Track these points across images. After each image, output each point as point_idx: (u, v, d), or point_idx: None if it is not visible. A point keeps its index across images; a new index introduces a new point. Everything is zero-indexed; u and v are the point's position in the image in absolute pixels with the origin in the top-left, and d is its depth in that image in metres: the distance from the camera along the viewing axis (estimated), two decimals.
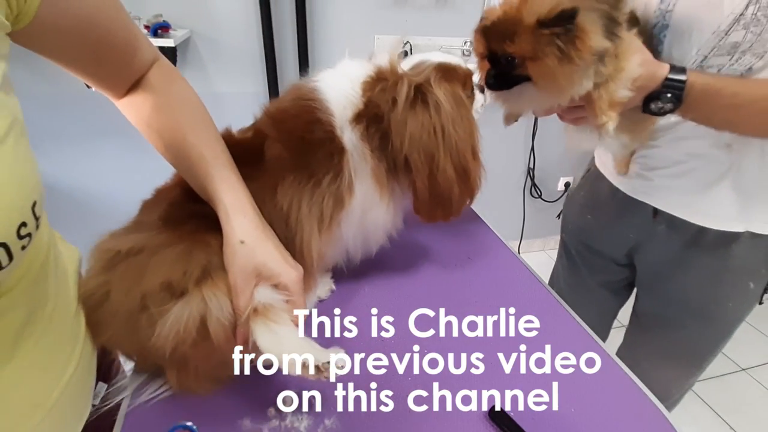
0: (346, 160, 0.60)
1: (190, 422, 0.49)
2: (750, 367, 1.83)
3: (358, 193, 0.61)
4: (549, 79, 0.57)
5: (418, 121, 0.57)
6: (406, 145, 0.58)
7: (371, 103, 0.59)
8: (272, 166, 0.58)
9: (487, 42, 0.59)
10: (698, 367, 0.93)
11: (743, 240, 0.76)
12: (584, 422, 0.52)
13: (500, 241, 0.89)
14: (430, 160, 0.59)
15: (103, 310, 0.50)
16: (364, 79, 0.60)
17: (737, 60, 0.63)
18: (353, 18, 1.64)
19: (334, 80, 0.62)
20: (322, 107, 0.59)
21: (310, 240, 0.58)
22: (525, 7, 0.55)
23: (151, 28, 1.34)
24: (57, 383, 0.45)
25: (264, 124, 0.61)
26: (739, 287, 0.81)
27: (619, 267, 0.96)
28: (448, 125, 0.58)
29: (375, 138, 0.60)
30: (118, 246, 0.51)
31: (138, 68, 0.54)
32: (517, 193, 2.23)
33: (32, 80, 1.46)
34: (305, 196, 0.58)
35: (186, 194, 0.57)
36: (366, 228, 0.65)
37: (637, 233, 0.88)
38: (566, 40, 0.54)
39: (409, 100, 0.58)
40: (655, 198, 0.83)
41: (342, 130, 0.59)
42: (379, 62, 0.62)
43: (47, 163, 1.62)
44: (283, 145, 0.59)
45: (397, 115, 0.58)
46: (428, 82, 0.59)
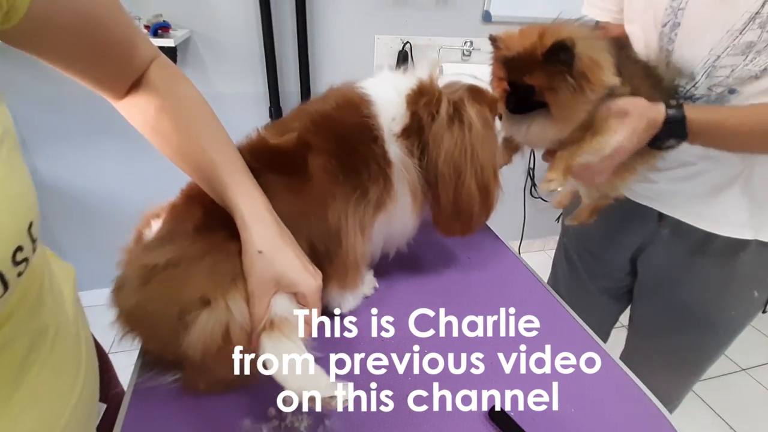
0: (392, 172, 0.61)
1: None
2: (750, 367, 1.83)
3: (397, 203, 0.63)
4: (562, 108, 0.62)
5: (453, 138, 0.59)
6: (441, 158, 0.60)
7: (416, 116, 0.60)
8: (319, 177, 0.57)
9: (508, 72, 0.64)
10: (697, 374, 0.93)
11: (751, 248, 0.75)
12: (584, 422, 0.52)
13: (500, 241, 0.89)
14: (457, 176, 0.60)
15: (146, 325, 0.52)
16: (407, 91, 0.61)
17: (752, 60, 0.62)
18: (353, 18, 1.64)
19: (383, 91, 0.62)
20: (373, 119, 0.59)
21: (355, 245, 0.59)
22: (541, 43, 0.60)
23: (151, 28, 1.34)
24: (64, 410, 0.43)
25: (307, 130, 0.59)
26: (744, 296, 0.80)
27: (621, 273, 0.95)
28: (477, 145, 0.60)
29: (416, 151, 0.61)
30: (155, 260, 0.51)
31: (138, 66, 0.52)
32: (517, 193, 2.23)
33: (32, 80, 1.46)
34: (351, 208, 0.58)
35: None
36: (391, 232, 0.67)
37: (641, 237, 0.87)
38: (577, 74, 0.59)
39: (449, 116, 0.59)
40: (660, 203, 0.81)
41: (389, 143, 0.60)
42: (420, 75, 0.62)
43: (47, 163, 1.62)
44: (332, 155, 0.57)
45: (436, 129, 0.59)
46: (462, 101, 0.61)
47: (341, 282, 0.62)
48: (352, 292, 0.67)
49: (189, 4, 1.48)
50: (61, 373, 0.44)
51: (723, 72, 0.65)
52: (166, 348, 0.52)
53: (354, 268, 0.62)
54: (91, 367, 0.51)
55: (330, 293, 0.63)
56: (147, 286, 0.51)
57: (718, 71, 0.65)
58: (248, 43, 1.58)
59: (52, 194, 1.68)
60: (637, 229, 0.87)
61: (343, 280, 0.62)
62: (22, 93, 1.48)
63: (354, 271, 0.62)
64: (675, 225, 0.80)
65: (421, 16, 1.69)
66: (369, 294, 0.72)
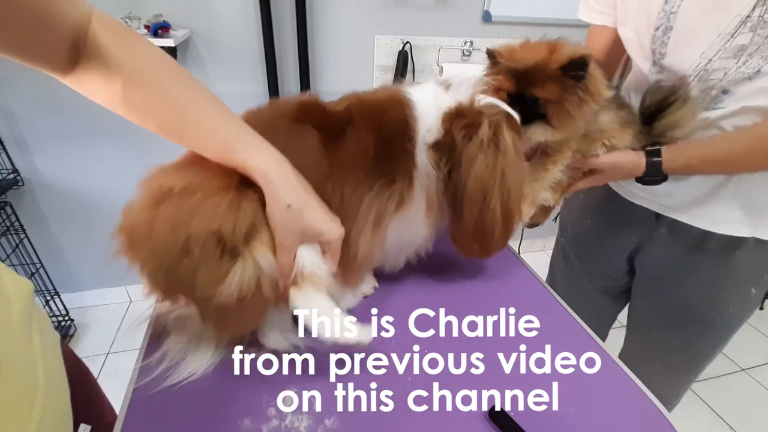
0: (416, 175, 0.62)
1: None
2: (750, 367, 1.83)
3: (414, 206, 0.63)
4: (564, 119, 0.67)
5: (487, 160, 0.60)
6: (471, 178, 0.60)
7: (449, 135, 0.61)
8: (351, 149, 0.58)
9: (517, 85, 0.67)
10: (695, 372, 0.93)
11: (748, 245, 0.75)
12: (584, 422, 0.52)
13: None
14: (483, 198, 0.61)
15: (145, 244, 0.50)
16: (445, 110, 0.62)
17: (744, 63, 0.63)
18: (353, 18, 1.64)
19: (425, 102, 0.63)
20: (412, 121, 0.61)
21: (359, 236, 0.59)
22: (553, 57, 0.64)
23: (151, 28, 1.34)
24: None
25: (356, 106, 0.61)
26: (741, 293, 0.80)
27: (619, 272, 0.96)
28: (508, 170, 0.61)
29: (443, 166, 0.62)
30: (172, 184, 0.50)
31: (69, 28, 0.44)
32: None
33: (32, 80, 1.46)
34: (374, 192, 0.59)
35: None
36: (402, 239, 0.67)
37: (638, 236, 0.87)
38: (584, 89, 0.65)
39: (488, 139, 0.60)
40: (655, 203, 0.82)
41: (420, 149, 0.61)
42: (461, 97, 0.63)
43: (47, 163, 1.63)
44: (371, 135, 0.59)
45: (471, 149, 0.60)
46: (501, 127, 0.61)
47: (345, 277, 0.62)
48: (353, 290, 0.67)
49: (189, 4, 1.48)
50: (6, 408, 0.38)
51: (716, 75, 0.66)
52: (165, 278, 0.51)
53: (359, 265, 0.61)
54: (54, 395, 0.45)
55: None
56: (158, 206, 0.49)
57: (711, 74, 0.66)
58: (248, 43, 1.58)
59: (52, 194, 1.68)
60: (634, 228, 0.88)
61: (347, 276, 0.62)
62: (22, 93, 1.48)
63: (359, 267, 0.62)
64: (672, 223, 0.81)
65: (421, 16, 1.69)
66: (369, 294, 0.72)
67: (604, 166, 0.72)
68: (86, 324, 1.87)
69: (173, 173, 0.53)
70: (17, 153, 1.58)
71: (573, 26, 0.88)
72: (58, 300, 1.77)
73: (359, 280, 0.67)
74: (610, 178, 0.75)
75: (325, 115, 0.59)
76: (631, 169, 0.71)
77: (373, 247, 0.62)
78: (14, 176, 1.58)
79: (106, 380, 1.63)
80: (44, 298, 1.73)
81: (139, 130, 0.54)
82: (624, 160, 0.71)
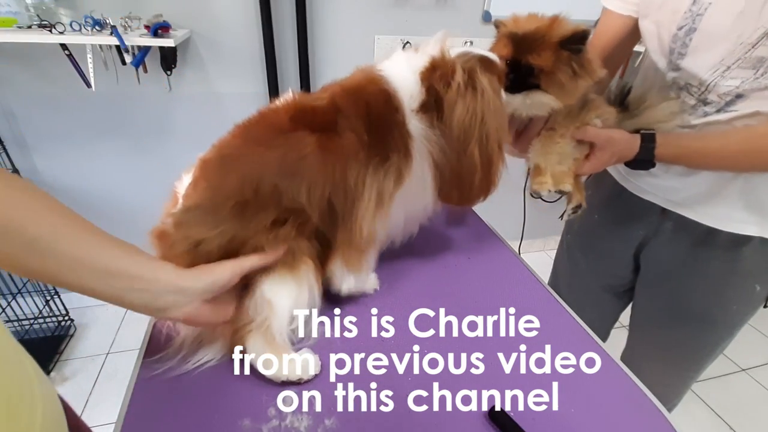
0: (413, 144, 0.62)
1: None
2: (750, 367, 1.83)
3: (415, 175, 0.63)
4: (556, 89, 0.67)
5: (466, 104, 0.60)
6: (454, 124, 0.61)
7: (432, 90, 0.61)
8: (347, 137, 0.59)
9: (514, 50, 0.67)
10: (697, 370, 0.93)
11: (754, 243, 0.76)
12: (584, 422, 0.52)
13: (500, 241, 0.89)
14: (463, 142, 0.61)
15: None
16: (421, 69, 0.63)
17: (763, 74, 0.63)
18: (353, 18, 1.64)
19: (400, 71, 0.63)
20: (394, 94, 0.61)
21: (364, 217, 0.60)
22: (553, 28, 0.65)
23: (151, 28, 1.34)
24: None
25: (339, 96, 0.61)
26: (746, 290, 0.80)
27: (624, 269, 0.96)
28: (486, 112, 0.61)
29: (436, 122, 0.62)
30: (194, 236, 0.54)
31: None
32: (517, 193, 2.22)
33: (32, 80, 1.46)
34: (371, 171, 0.60)
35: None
36: (409, 210, 0.68)
37: (644, 231, 0.88)
38: (579, 63, 0.66)
39: (464, 83, 0.60)
40: (662, 198, 0.82)
41: (410, 117, 0.61)
42: (431, 52, 0.63)
43: (47, 162, 1.62)
44: (361, 121, 0.60)
45: (450, 96, 0.60)
46: (475, 70, 0.62)
47: (346, 256, 0.62)
48: (356, 273, 0.66)
49: (189, 4, 1.48)
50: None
51: (733, 82, 0.66)
52: None
53: (359, 245, 0.62)
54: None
55: (333, 268, 0.63)
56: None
57: (727, 81, 0.66)
58: (248, 43, 1.58)
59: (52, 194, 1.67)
60: (640, 223, 0.88)
61: (347, 256, 0.62)
62: (22, 93, 1.48)
63: (359, 247, 0.63)
64: (678, 218, 0.81)
65: (421, 16, 1.69)
66: (369, 293, 0.72)
67: (600, 138, 0.72)
68: (86, 324, 1.87)
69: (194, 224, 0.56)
70: (17, 153, 1.58)
71: None
72: (58, 300, 1.77)
73: (361, 262, 0.66)
74: (606, 157, 0.74)
75: (314, 114, 0.60)
76: (625, 149, 0.72)
77: (376, 226, 0.62)
78: None
79: (106, 380, 1.63)
80: (44, 298, 1.73)
81: (139, 130, 0.54)
82: (618, 137, 0.72)
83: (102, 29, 1.31)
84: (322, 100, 0.61)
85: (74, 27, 1.28)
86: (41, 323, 1.74)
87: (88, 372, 1.66)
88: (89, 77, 1.38)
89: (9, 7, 1.27)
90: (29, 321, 1.69)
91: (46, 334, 1.74)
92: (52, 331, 1.76)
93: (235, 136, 0.60)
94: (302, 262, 0.58)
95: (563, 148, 0.74)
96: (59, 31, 1.26)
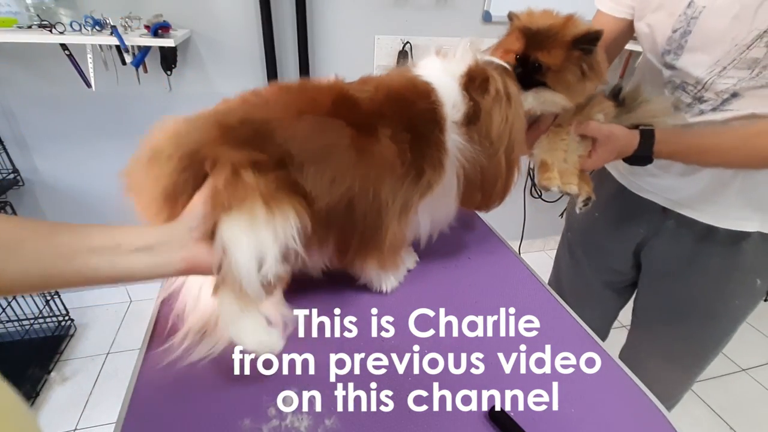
0: (447, 159, 0.62)
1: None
2: (750, 367, 1.83)
3: (444, 185, 0.64)
4: (563, 88, 0.67)
5: (502, 111, 0.61)
6: (492, 131, 0.61)
7: (473, 101, 0.61)
8: (386, 145, 0.57)
9: (526, 45, 0.67)
10: (700, 366, 0.93)
11: (754, 238, 0.76)
12: (584, 422, 0.52)
13: (500, 241, 0.89)
14: (495, 149, 0.62)
15: None
16: (460, 77, 0.63)
17: (758, 74, 0.64)
18: (353, 18, 1.64)
19: (441, 78, 0.63)
20: (439, 107, 0.60)
21: (394, 226, 0.60)
22: (567, 26, 0.65)
23: (151, 28, 1.34)
24: None
25: (382, 98, 0.59)
26: (747, 284, 0.81)
27: (625, 266, 0.96)
28: (516, 120, 0.62)
29: (473, 135, 0.62)
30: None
31: None
32: (517, 193, 2.23)
33: (32, 80, 1.46)
34: (404, 187, 0.59)
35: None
36: (435, 215, 0.69)
37: (645, 229, 0.88)
38: (588, 63, 0.66)
39: (502, 91, 0.61)
40: (662, 197, 0.83)
41: (450, 131, 0.61)
42: (467, 59, 0.64)
43: (47, 162, 1.62)
44: (405, 134, 0.58)
45: (488, 104, 0.61)
46: (505, 78, 0.63)
47: (380, 261, 0.64)
48: (393, 272, 0.70)
49: (189, 4, 1.48)
50: None
51: (729, 81, 0.67)
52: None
53: (391, 249, 0.63)
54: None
55: (369, 272, 0.66)
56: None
57: (724, 80, 0.67)
58: (248, 43, 1.58)
59: (52, 194, 1.68)
60: (641, 221, 0.88)
61: (382, 260, 0.65)
62: (22, 93, 1.48)
63: (392, 251, 0.64)
64: (679, 217, 0.82)
65: (421, 16, 1.69)
66: (411, 268, 0.75)
67: (602, 134, 0.72)
68: (86, 324, 1.87)
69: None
70: (17, 153, 1.58)
71: None
72: (58, 300, 1.77)
73: (396, 263, 0.69)
74: (607, 153, 0.74)
75: (356, 107, 0.57)
76: (625, 145, 0.72)
77: (402, 233, 0.63)
78: (14, 176, 1.58)
79: (106, 380, 1.63)
80: (44, 298, 1.73)
81: (139, 131, 0.54)
82: (619, 132, 0.72)
83: (102, 29, 1.31)
84: (366, 93, 0.59)
85: (74, 27, 1.28)
86: (41, 323, 1.74)
87: (88, 372, 1.66)
88: (89, 77, 1.38)
89: (9, 7, 1.27)
90: (29, 321, 1.69)
91: (46, 334, 1.74)
92: (52, 331, 1.76)
93: (273, 92, 0.58)
94: (269, 198, 0.49)
95: (569, 145, 0.74)
96: (59, 31, 1.26)
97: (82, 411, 1.52)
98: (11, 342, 1.70)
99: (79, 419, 1.49)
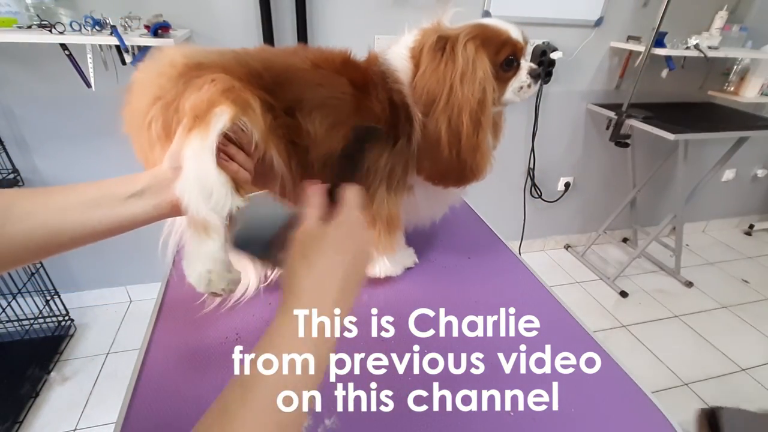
0: (412, 125, 0.64)
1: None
2: (750, 367, 1.83)
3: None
4: None
5: (433, 68, 0.61)
6: (417, 87, 0.62)
7: (416, 67, 0.64)
8: (377, 107, 0.63)
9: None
10: None
11: None
12: (584, 422, 0.52)
13: (500, 241, 0.89)
14: (428, 107, 0.62)
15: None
16: (411, 44, 0.66)
17: None
18: (353, 18, 1.64)
19: (397, 55, 0.67)
20: (397, 79, 0.65)
21: (378, 188, 0.63)
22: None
23: (151, 28, 1.34)
24: None
25: (375, 73, 0.66)
26: None
27: None
28: (456, 81, 0.60)
29: (416, 97, 0.65)
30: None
31: None
32: (517, 193, 2.22)
33: (32, 80, 1.45)
34: (386, 153, 0.63)
35: None
36: (430, 198, 0.70)
37: None
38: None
39: (432, 48, 0.62)
40: None
41: (408, 95, 0.65)
42: (424, 24, 0.67)
43: (47, 162, 1.62)
44: (387, 102, 0.64)
45: (420, 60, 0.63)
46: (455, 38, 0.63)
47: (375, 240, 0.66)
48: (389, 255, 0.70)
49: (189, 4, 1.48)
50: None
51: None
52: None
53: (383, 223, 0.65)
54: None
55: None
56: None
57: None
58: (248, 43, 1.57)
59: None
60: None
61: (377, 239, 0.66)
62: (23, 93, 1.47)
63: (384, 226, 0.65)
64: None
65: (421, 16, 1.69)
66: (410, 266, 0.75)
67: None
68: (86, 324, 1.87)
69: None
70: (17, 153, 1.58)
71: (572, 26, 0.88)
72: (58, 300, 1.77)
73: (391, 244, 0.68)
74: None
75: (358, 71, 0.65)
76: None
77: (393, 204, 0.64)
78: (14, 176, 1.58)
79: (106, 380, 1.63)
80: (44, 298, 1.73)
81: None
82: None
83: (102, 29, 1.31)
84: (364, 62, 0.67)
85: (74, 27, 1.28)
86: (41, 323, 1.74)
87: (88, 372, 1.66)
88: (89, 77, 1.38)
89: (9, 7, 1.27)
90: (29, 321, 1.69)
91: (46, 334, 1.74)
92: (52, 331, 1.76)
93: (299, 47, 0.66)
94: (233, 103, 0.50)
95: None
96: (59, 31, 1.26)
97: (82, 411, 1.52)
98: (11, 342, 1.69)
99: (79, 419, 1.49)
